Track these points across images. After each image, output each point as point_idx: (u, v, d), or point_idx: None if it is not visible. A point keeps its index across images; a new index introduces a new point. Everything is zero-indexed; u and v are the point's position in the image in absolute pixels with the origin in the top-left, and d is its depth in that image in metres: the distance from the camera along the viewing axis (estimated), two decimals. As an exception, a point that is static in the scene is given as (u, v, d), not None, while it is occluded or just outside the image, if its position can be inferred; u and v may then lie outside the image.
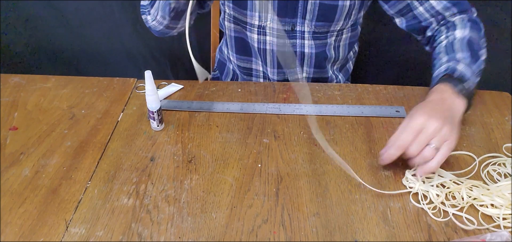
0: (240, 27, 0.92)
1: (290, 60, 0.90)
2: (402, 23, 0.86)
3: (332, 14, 0.86)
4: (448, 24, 0.79)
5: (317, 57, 0.93)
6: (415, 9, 0.81)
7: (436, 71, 0.72)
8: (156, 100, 0.70)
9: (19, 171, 0.66)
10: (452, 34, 0.76)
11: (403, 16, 0.84)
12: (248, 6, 0.87)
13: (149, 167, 0.66)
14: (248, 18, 0.89)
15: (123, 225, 0.57)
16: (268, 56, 0.94)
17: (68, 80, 0.87)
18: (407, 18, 0.84)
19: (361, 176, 0.63)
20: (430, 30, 0.82)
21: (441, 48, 0.75)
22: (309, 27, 0.88)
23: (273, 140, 0.71)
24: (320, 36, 0.90)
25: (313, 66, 0.95)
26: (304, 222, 0.57)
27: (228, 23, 0.94)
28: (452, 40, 0.75)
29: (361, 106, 0.78)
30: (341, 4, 0.84)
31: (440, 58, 0.74)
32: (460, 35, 0.74)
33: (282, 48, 0.91)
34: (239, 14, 0.90)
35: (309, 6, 0.84)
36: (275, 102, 0.80)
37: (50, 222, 0.58)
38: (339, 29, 0.90)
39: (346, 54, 0.99)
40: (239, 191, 0.62)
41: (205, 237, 0.55)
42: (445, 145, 0.59)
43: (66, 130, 0.74)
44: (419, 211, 0.58)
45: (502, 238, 0.52)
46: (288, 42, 0.90)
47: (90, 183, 0.64)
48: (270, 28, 0.89)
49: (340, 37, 0.93)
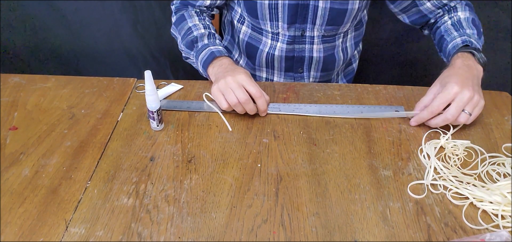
0: (256, 32, 0.94)
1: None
2: (404, 19, 0.91)
3: (342, 18, 0.87)
4: (449, 8, 0.86)
5: (324, 60, 0.95)
6: (422, 5, 0.86)
7: (452, 43, 0.80)
8: (156, 100, 0.70)
9: (19, 171, 0.66)
10: (455, 15, 0.84)
11: (407, 12, 0.89)
12: (259, 15, 0.88)
13: (149, 167, 0.66)
14: (262, 24, 0.90)
15: (123, 225, 0.57)
16: (276, 62, 0.95)
17: (68, 80, 0.87)
18: (412, 13, 0.89)
19: (360, 176, 0.63)
20: (433, 18, 0.88)
21: (448, 26, 0.84)
22: (319, 31, 0.89)
23: (272, 140, 0.71)
24: (328, 39, 0.92)
25: (320, 70, 0.97)
26: (303, 222, 0.57)
27: (246, 27, 0.95)
28: (457, 19, 0.83)
29: (361, 106, 0.78)
30: (350, 8, 0.85)
31: (450, 33, 0.82)
32: (463, 16, 0.83)
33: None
34: (255, 22, 0.91)
35: (319, 11, 0.85)
36: (275, 102, 0.80)
37: (50, 222, 0.58)
38: (346, 30, 0.91)
39: (352, 53, 1.00)
40: (239, 191, 0.62)
41: (205, 237, 0.55)
42: (476, 109, 0.69)
43: (66, 130, 0.74)
44: (419, 211, 0.58)
45: (502, 238, 0.52)
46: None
47: (90, 183, 0.64)
48: (283, 35, 0.90)
49: (346, 37, 0.94)
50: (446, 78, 0.70)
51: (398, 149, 0.69)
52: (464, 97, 0.67)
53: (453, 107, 0.67)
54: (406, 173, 0.64)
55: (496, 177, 0.63)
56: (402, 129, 0.72)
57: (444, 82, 0.70)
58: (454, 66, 0.72)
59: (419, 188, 0.62)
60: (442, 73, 0.73)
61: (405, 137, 0.71)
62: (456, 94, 0.67)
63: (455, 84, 0.67)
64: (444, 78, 0.71)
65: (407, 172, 0.64)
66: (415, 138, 0.71)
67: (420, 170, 0.65)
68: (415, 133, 0.72)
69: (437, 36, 0.86)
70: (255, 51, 0.96)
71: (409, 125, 0.73)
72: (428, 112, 0.69)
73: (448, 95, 0.67)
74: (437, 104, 0.68)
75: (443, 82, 0.70)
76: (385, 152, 0.68)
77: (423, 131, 0.72)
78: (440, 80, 0.71)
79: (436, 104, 0.68)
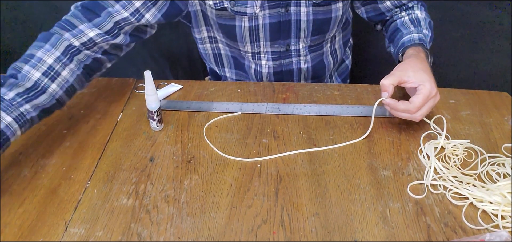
0: (236, 50, 0.91)
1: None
2: (363, 13, 0.92)
3: (327, 26, 0.86)
4: (406, 7, 0.87)
5: (314, 69, 0.93)
6: (382, 2, 0.87)
7: (408, 36, 0.81)
8: (156, 100, 0.70)
9: (19, 171, 0.66)
10: (413, 13, 0.86)
11: (365, 6, 0.90)
12: (238, 38, 0.85)
13: (148, 167, 0.66)
14: (241, 46, 0.87)
15: (122, 225, 0.57)
16: (265, 78, 0.92)
17: (67, 80, 0.87)
18: (370, 9, 0.90)
19: (360, 176, 0.63)
20: (389, 16, 0.90)
21: (405, 20, 0.85)
22: (305, 43, 0.87)
23: (272, 140, 0.71)
24: (315, 47, 0.90)
25: (310, 78, 0.95)
26: (303, 222, 0.57)
27: (223, 45, 0.91)
28: (415, 16, 0.84)
29: (361, 106, 0.78)
30: (334, 15, 0.84)
31: (407, 27, 0.83)
32: (421, 16, 0.85)
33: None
34: (232, 44, 0.88)
35: (302, 25, 0.84)
36: (274, 102, 0.80)
37: (50, 222, 0.58)
38: (333, 35, 0.90)
39: (343, 53, 0.99)
40: (239, 191, 0.62)
41: (205, 237, 0.55)
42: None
43: (65, 130, 0.74)
44: (419, 211, 0.58)
45: (501, 238, 0.52)
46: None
47: (89, 183, 0.64)
48: (265, 53, 0.88)
49: (334, 41, 0.93)
50: (420, 73, 0.68)
51: (398, 149, 0.68)
52: (436, 100, 0.68)
53: (424, 109, 0.66)
54: (406, 173, 0.64)
55: (496, 177, 0.63)
56: (402, 129, 0.72)
57: (420, 80, 0.67)
58: (421, 59, 0.73)
59: (419, 188, 0.62)
60: (410, 61, 0.71)
61: (405, 137, 0.71)
62: (431, 95, 0.66)
63: (429, 83, 0.66)
64: (417, 71, 0.68)
65: (407, 172, 0.64)
66: (415, 138, 0.71)
67: (420, 170, 0.65)
68: (415, 133, 0.72)
69: (391, 29, 0.87)
70: (243, 66, 0.93)
71: (409, 125, 0.73)
72: (411, 110, 0.66)
73: (425, 91, 0.66)
74: (415, 100, 0.65)
75: (417, 76, 0.67)
76: (385, 152, 0.68)
77: (423, 131, 0.72)
78: (411, 68, 0.69)
79: (417, 104, 0.65)
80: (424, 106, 0.66)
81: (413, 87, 0.68)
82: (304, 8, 0.81)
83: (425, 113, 0.67)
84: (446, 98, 0.79)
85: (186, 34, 1.34)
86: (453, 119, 0.75)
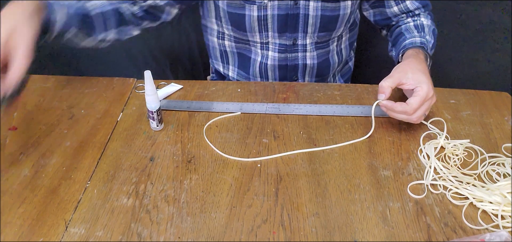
0: (243, 44, 0.92)
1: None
2: (370, 16, 0.93)
3: (334, 24, 0.86)
4: (413, 14, 0.89)
5: (319, 66, 0.94)
6: (389, 7, 0.88)
7: (410, 40, 0.82)
8: (156, 100, 0.70)
9: (19, 171, 0.66)
10: (418, 19, 0.88)
11: (374, 9, 0.92)
12: (247, 28, 0.86)
13: (148, 167, 0.66)
14: (249, 36, 0.89)
15: (122, 225, 0.57)
16: (270, 72, 0.93)
17: (67, 80, 0.87)
18: (378, 12, 0.91)
19: (360, 176, 0.63)
20: (395, 21, 0.91)
21: (410, 26, 0.86)
22: (311, 39, 0.88)
23: (272, 140, 0.71)
24: (322, 45, 0.91)
25: (314, 76, 0.96)
26: (303, 222, 0.57)
27: (229, 42, 0.93)
28: (420, 23, 0.86)
29: (361, 106, 0.78)
30: (343, 13, 0.85)
31: (411, 32, 0.84)
32: (426, 23, 0.87)
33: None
34: (240, 35, 0.89)
35: (310, 20, 0.85)
36: (274, 102, 0.80)
37: (50, 222, 0.58)
38: (340, 34, 0.91)
39: (348, 55, 0.99)
40: (239, 191, 0.62)
41: (205, 237, 0.55)
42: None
43: (65, 130, 0.74)
44: (419, 211, 0.58)
45: (501, 238, 0.52)
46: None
47: (89, 183, 0.64)
48: (273, 44, 0.89)
49: (340, 40, 0.94)
50: (418, 74, 0.68)
51: (398, 149, 0.68)
52: (432, 101, 0.68)
53: (421, 111, 0.67)
54: (406, 173, 0.64)
55: (496, 177, 0.63)
56: (402, 129, 0.72)
57: (418, 82, 0.67)
58: (420, 60, 0.73)
59: (419, 188, 0.62)
60: (409, 62, 0.71)
61: (405, 137, 0.71)
62: (428, 97, 0.66)
63: (426, 85, 0.66)
64: (415, 72, 0.68)
65: (407, 172, 0.64)
66: (415, 138, 0.71)
67: (420, 170, 0.65)
68: (415, 133, 0.72)
69: (395, 34, 0.88)
70: (248, 61, 0.94)
71: (409, 125, 0.73)
72: (407, 111, 0.66)
73: (422, 93, 0.66)
74: (412, 101, 0.66)
75: (415, 77, 0.67)
76: (385, 152, 0.68)
77: (423, 130, 0.72)
78: (410, 70, 0.69)
79: (414, 106, 0.65)
80: (421, 108, 0.66)
81: (410, 88, 0.68)
82: (313, 2, 0.82)
83: (421, 114, 0.67)
84: (446, 98, 0.80)
85: (187, 34, 1.33)
86: (453, 119, 0.75)
